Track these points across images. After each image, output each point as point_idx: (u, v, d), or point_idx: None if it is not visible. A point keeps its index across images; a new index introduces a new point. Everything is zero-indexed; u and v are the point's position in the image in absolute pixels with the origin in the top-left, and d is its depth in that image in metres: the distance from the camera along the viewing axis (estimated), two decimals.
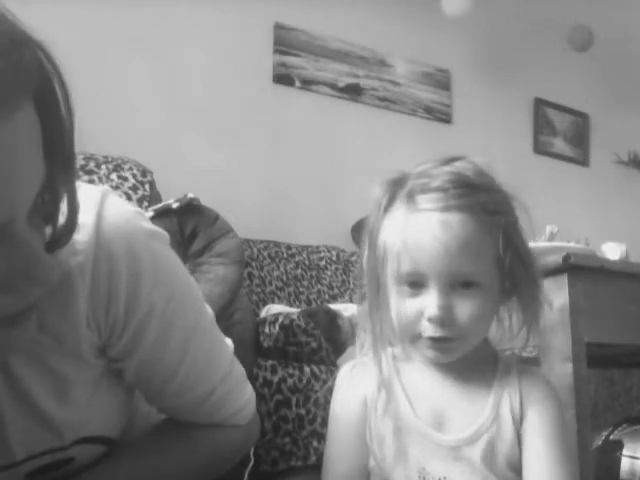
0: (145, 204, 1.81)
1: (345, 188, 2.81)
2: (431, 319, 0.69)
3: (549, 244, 1.40)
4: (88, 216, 0.58)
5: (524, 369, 0.77)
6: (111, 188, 0.67)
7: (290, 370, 1.71)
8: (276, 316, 1.77)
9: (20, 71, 0.42)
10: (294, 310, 1.96)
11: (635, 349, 1.64)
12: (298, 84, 2.90)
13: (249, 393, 0.78)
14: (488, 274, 0.70)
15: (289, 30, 2.90)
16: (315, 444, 1.66)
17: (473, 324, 0.70)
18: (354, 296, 2.25)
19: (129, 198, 1.80)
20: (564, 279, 1.17)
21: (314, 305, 2.37)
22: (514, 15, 3.45)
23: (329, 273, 2.55)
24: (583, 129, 3.78)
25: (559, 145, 3.69)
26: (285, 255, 2.48)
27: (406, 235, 0.70)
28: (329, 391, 0.80)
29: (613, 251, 1.69)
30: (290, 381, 1.69)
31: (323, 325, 1.81)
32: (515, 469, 0.72)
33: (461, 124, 3.29)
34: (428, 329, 0.70)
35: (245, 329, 1.65)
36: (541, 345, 1.15)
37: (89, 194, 0.60)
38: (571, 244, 1.50)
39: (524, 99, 3.58)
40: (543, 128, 3.63)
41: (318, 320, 1.81)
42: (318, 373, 1.74)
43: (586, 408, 1.14)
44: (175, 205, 1.60)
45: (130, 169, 1.89)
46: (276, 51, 2.87)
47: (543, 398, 0.75)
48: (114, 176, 1.84)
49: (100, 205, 0.60)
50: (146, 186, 1.87)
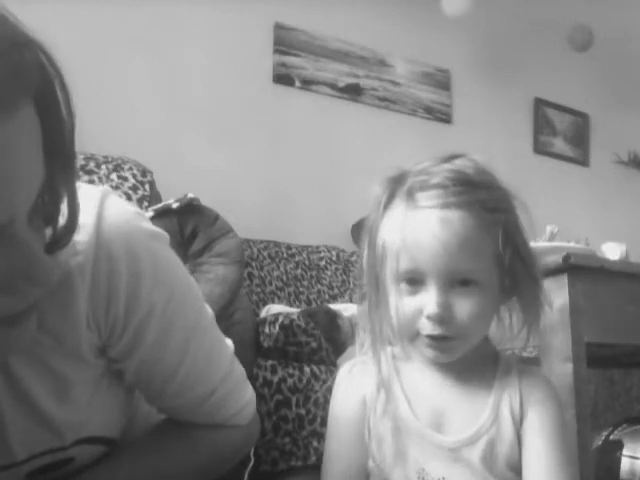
0: (145, 204, 1.81)
1: (345, 188, 2.81)
2: (430, 317, 0.69)
3: (549, 244, 1.41)
4: (88, 216, 0.58)
5: (524, 369, 0.77)
6: (111, 188, 0.67)
7: (290, 370, 1.71)
8: (276, 316, 1.77)
9: (21, 72, 0.42)
10: (294, 310, 1.96)
11: (635, 349, 1.64)
12: (298, 84, 2.90)
13: (249, 393, 0.78)
14: (487, 272, 0.70)
15: (289, 30, 2.90)
16: (315, 444, 1.66)
17: (472, 322, 0.70)
18: (354, 296, 2.25)
19: (129, 198, 1.80)
20: (564, 279, 1.17)
21: (314, 305, 2.37)
22: (514, 15, 3.45)
23: (329, 273, 2.55)
24: (583, 129, 3.78)
25: (559, 145, 3.68)
26: (285, 255, 2.48)
27: (405, 233, 0.69)
28: (329, 391, 0.80)
29: (613, 251, 1.69)
30: (290, 381, 1.69)
31: (323, 325, 1.81)
32: (515, 469, 0.72)
33: (461, 124, 3.29)
34: (427, 327, 0.70)
35: (245, 329, 1.65)
36: (541, 345, 1.15)
37: (89, 194, 0.60)
38: (571, 244, 1.50)
39: (524, 99, 3.58)
40: (543, 128, 3.63)
41: (318, 320, 1.81)
42: (318, 373, 1.74)
43: (586, 408, 1.14)
44: (175, 205, 1.60)
45: (130, 169, 1.89)
46: (276, 51, 2.87)
47: (543, 398, 0.74)
48: (114, 176, 1.84)
49: (100, 205, 0.60)
50: (146, 186, 1.88)
